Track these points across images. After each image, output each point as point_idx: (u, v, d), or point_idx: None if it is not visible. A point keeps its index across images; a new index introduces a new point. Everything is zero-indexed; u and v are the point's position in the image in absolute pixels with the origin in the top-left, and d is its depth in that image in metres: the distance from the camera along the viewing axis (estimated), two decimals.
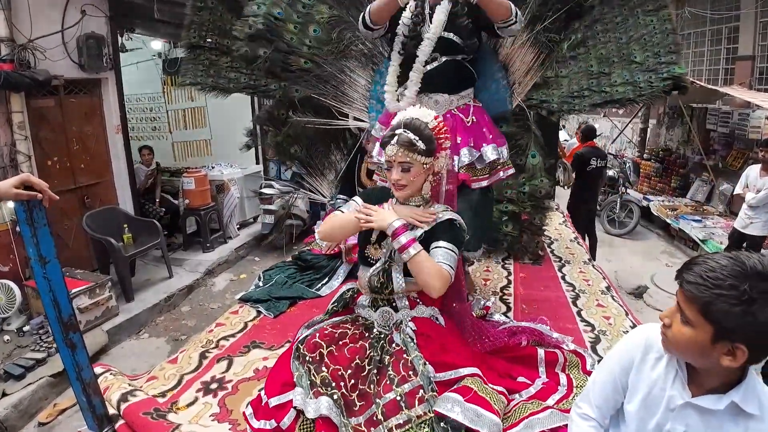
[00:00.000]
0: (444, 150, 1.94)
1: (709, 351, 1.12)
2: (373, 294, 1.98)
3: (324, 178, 3.64)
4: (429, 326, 1.90)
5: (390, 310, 1.96)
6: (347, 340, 1.87)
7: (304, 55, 3.01)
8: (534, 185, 3.26)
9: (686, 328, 1.15)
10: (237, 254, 6.97)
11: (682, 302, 1.16)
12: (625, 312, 2.76)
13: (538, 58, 2.98)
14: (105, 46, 5.64)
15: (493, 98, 2.93)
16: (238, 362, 2.20)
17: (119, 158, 6.14)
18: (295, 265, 3.25)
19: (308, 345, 1.83)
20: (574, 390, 1.90)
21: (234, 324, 2.57)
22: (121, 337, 4.75)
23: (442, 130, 1.92)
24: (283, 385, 1.75)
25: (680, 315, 1.17)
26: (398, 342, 1.83)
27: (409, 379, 1.68)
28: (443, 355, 1.79)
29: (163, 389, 2.03)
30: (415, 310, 1.95)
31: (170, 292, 5.53)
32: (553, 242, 4.08)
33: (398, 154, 1.84)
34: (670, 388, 1.26)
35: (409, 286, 1.92)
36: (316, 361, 1.78)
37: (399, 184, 1.90)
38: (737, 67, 8.00)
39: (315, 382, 1.71)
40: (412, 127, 1.86)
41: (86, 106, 5.74)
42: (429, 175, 1.94)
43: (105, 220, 5.46)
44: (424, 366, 1.71)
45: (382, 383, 1.70)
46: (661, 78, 2.83)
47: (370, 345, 1.85)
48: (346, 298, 2.17)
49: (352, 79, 3.08)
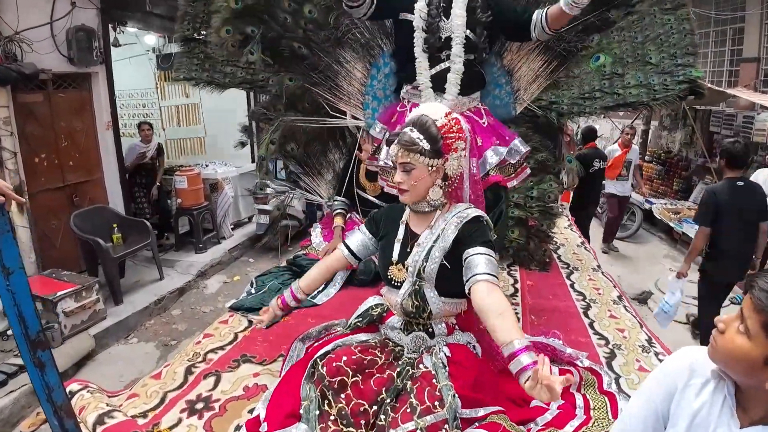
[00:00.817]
0: (455, 151, 1.72)
1: (758, 370, 1.03)
2: (407, 317, 1.80)
3: (321, 177, 3.48)
4: (464, 354, 1.74)
5: (425, 335, 1.79)
6: (374, 370, 1.67)
7: (299, 38, 2.84)
8: (542, 189, 3.11)
9: (742, 339, 1.05)
10: (231, 255, 6.81)
11: (747, 310, 1.05)
12: (640, 324, 2.62)
13: (549, 65, 2.84)
14: (96, 40, 5.48)
15: (496, 103, 2.81)
16: (227, 378, 2.02)
17: (109, 155, 5.97)
18: (290, 271, 3.07)
19: (329, 366, 1.62)
20: (591, 414, 1.75)
21: (223, 335, 2.40)
22: (109, 342, 4.59)
23: (452, 129, 1.71)
24: (287, 417, 1.55)
25: (739, 323, 1.07)
26: (428, 365, 1.66)
27: (434, 410, 1.50)
28: (474, 391, 1.62)
29: (144, 408, 1.86)
30: (452, 336, 1.79)
31: (161, 294, 5.37)
32: (559, 248, 3.93)
33: (399, 154, 1.69)
34: (716, 417, 1.14)
35: (447, 307, 1.76)
36: (334, 388, 1.58)
37: (400, 188, 1.74)
38: (742, 69, 7.90)
39: (327, 412, 1.52)
40: (418, 125, 1.69)
41: (75, 101, 5.58)
42: (437, 180, 1.75)
43: (94, 219, 5.30)
44: (453, 398, 1.54)
45: (401, 411, 1.51)
46: (677, 81, 2.69)
47: (398, 374, 1.67)
48: (373, 315, 1.92)
49: (347, 71, 2.92)
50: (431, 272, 1.73)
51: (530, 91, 2.90)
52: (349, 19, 2.85)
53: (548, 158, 3.11)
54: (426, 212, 1.81)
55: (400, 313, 1.82)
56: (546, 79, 2.89)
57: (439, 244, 1.73)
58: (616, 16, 2.78)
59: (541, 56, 2.85)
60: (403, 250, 1.80)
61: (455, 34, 2.32)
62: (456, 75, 2.40)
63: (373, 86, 2.93)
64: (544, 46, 2.81)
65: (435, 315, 1.76)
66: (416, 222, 1.85)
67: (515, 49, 2.88)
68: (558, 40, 2.77)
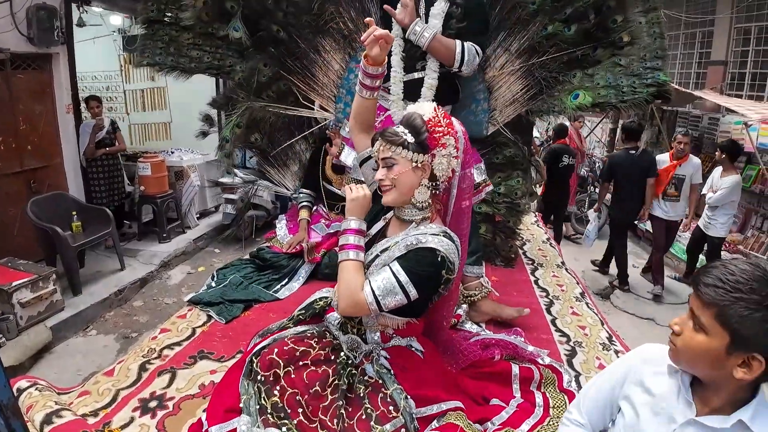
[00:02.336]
0: (443, 147, 1.57)
1: (723, 361, 1.06)
2: (345, 318, 1.74)
3: (287, 169, 3.40)
4: (404, 356, 1.69)
5: (358, 339, 1.72)
6: (309, 362, 1.62)
7: (278, 21, 2.75)
8: (510, 186, 3.12)
9: (699, 336, 1.08)
10: (195, 245, 6.65)
11: (697, 308, 1.09)
12: (601, 321, 2.65)
13: (528, 91, 2.82)
14: (57, 19, 5.24)
15: (470, 119, 2.79)
16: (182, 376, 1.97)
17: (70, 140, 5.74)
18: (253, 264, 3.01)
19: (263, 361, 1.57)
20: (550, 412, 1.76)
21: (181, 330, 2.33)
22: (67, 334, 4.43)
23: (440, 122, 1.58)
24: (227, 411, 1.50)
25: (692, 322, 1.10)
26: (371, 374, 1.62)
27: (390, 415, 1.48)
28: (423, 388, 1.59)
29: (95, 407, 1.80)
30: (388, 344, 1.72)
31: (121, 285, 5.20)
32: (525, 243, 3.95)
33: (381, 148, 1.59)
34: (674, 404, 1.18)
35: (382, 320, 1.69)
36: (269, 381, 1.53)
37: (382, 185, 1.62)
38: (709, 71, 8.06)
39: (265, 407, 1.48)
40: (404, 120, 1.62)
41: (35, 82, 5.35)
42: (423, 178, 1.61)
43: (52, 206, 5.09)
44: (406, 400, 1.52)
45: (356, 417, 1.49)
46: (645, 84, 2.72)
47: (335, 371, 1.62)
48: (316, 308, 1.89)
49: (325, 60, 2.86)
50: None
51: (505, 114, 2.88)
52: (334, 8, 2.80)
53: (516, 154, 3.11)
54: (406, 221, 1.67)
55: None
56: (522, 105, 2.87)
57: (384, 257, 1.64)
58: (601, 55, 2.77)
59: (522, 80, 2.83)
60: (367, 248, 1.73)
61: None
62: (430, 90, 2.40)
63: (349, 80, 2.88)
64: (527, 71, 2.80)
65: (366, 323, 1.71)
66: (394, 228, 1.73)
67: (498, 66, 2.86)
68: (540, 68, 2.76)
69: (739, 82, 7.62)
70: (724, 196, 5.16)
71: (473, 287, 2.51)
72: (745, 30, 7.41)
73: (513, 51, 2.78)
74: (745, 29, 7.41)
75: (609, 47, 2.75)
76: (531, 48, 2.77)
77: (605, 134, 10.87)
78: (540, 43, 2.75)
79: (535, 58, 2.75)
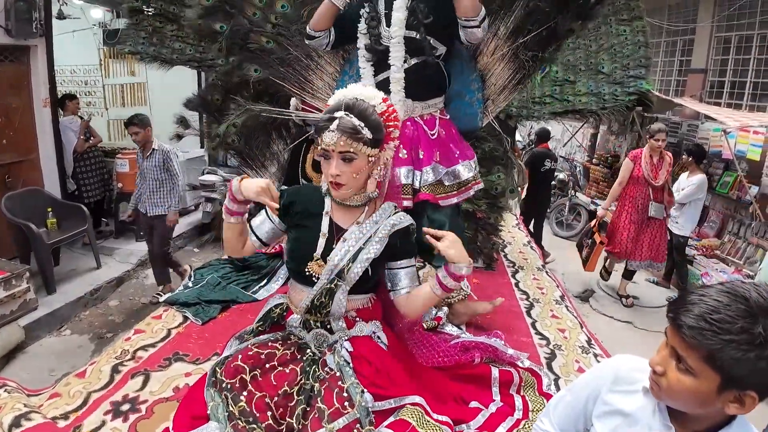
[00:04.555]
0: (393, 140, 1.71)
1: (713, 400, 1.00)
2: (307, 315, 1.73)
3: (266, 170, 3.35)
4: (368, 347, 1.67)
5: (324, 332, 1.72)
6: (275, 363, 1.59)
7: (267, 34, 2.72)
8: (491, 181, 3.09)
9: (687, 378, 1.00)
10: (174, 244, 6.52)
11: (682, 350, 1.00)
12: (580, 324, 2.66)
13: (515, 77, 2.80)
14: (36, 11, 5.14)
15: (466, 111, 2.73)
16: (156, 378, 1.92)
17: (46, 135, 5.61)
18: (231, 264, 2.95)
19: (227, 369, 1.53)
20: (529, 415, 1.76)
21: (155, 331, 2.27)
22: (41, 334, 4.36)
23: (391, 116, 1.66)
24: (193, 418, 1.45)
25: (676, 362, 1.02)
26: (332, 366, 1.60)
27: (344, 411, 1.46)
28: (383, 381, 1.57)
29: (66, 410, 1.74)
30: (354, 329, 1.72)
31: (97, 284, 5.12)
32: (506, 246, 3.96)
33: (339, 142, 1.56)
34: (650, 423, 1.13)
35: (351, 304, 1.71)
36: (236, 388, 1.49)
37: (338, 181, 1.62)
38: (689, 79, 8.19)
39: (233, 413, 1.44)
40: (356, 111, 1.58)
41: (12, 75, 5.23)
42: (374, 170, 1.69)
43: (27, 202, 5.01)
44: (362, 395, 1.49)
45: (310, 417, 1.46)
46: (627, 92, 2.73)
47: (302, 370, 1.60)
48: (273, 317, 1.85)
49: (318, 65, 2.82)
50: (354, 276, 1.67)
51: (497, 103, 2.86)
52: None
53: (496, 148, 3.08)
54: (355, 207, 1.74)
55: (301, 311, 1.73)
56: (511, 91, 2.84)
57: (370, 248, 1.68)
58: (574, 24, 2.76)
59: (510, 64, 2.80)
60: (328, 245, 1.70)
61: (393, 40, 2.23)
62: (396, 84, 2.30)
63: (344, 81, 2.83)
64: (513, 54, 2.77)
65: (333, 312, 1.70)
66: (341, 215, 1.75)
67: (489, 52, 2.82)
68: (525, 49, 2.74)
69: (718, 90, 7.76)
70: (692, 193, 5.54)
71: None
72: (726, 39, 7.54)
73: (501, 35, 2.75)
74: (725, 38, 7.55)
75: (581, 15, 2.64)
76: (516, 29, 2.74)
77: (586, 139, 10.98)
78: (523, 22, 2.72)
79: (521, 38, 2.73)
